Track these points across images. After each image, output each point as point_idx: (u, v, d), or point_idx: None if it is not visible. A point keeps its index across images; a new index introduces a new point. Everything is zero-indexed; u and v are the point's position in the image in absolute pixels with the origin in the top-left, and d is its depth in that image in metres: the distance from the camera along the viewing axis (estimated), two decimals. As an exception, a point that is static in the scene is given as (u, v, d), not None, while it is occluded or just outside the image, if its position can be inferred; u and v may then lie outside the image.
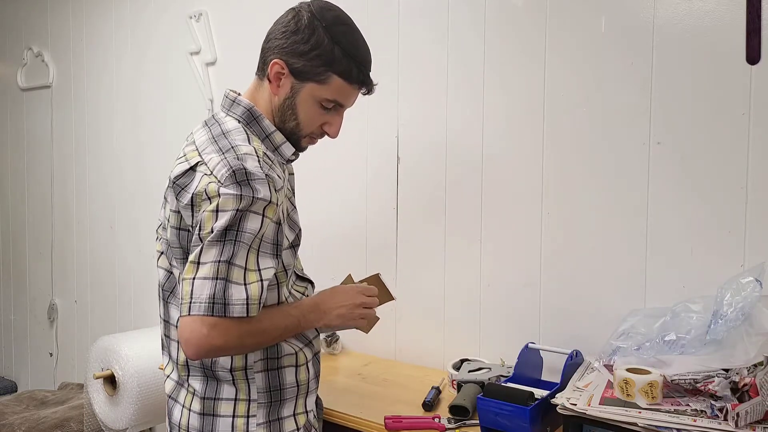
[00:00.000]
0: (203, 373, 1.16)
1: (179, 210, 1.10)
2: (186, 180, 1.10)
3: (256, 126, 1.17)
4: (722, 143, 1.35)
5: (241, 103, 1.18)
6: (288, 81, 1.15)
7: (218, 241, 1.02)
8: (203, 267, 1.01)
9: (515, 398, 1.23)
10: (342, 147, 1.96)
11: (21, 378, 3.28)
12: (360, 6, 1.88)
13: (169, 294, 1.20)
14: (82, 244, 2.88)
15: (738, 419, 1.00)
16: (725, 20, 1.34)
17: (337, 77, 1.14)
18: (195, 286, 1.01)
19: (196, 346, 1.01)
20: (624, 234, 1.47)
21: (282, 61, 1.14)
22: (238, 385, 1.14)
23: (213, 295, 1.00)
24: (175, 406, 1.20)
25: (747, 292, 1.15)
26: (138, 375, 2.00)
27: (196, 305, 1.00)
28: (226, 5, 2.25)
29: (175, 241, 1.13)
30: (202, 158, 1.09)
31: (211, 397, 1.14)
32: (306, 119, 1.18)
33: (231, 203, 1.02)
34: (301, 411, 1.20)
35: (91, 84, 2.80)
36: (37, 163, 3.10)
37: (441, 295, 1.78)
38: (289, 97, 1.15)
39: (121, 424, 2.04)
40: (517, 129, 1.62)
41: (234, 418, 1.13)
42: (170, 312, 1.20)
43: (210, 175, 1.05)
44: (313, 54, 1.12)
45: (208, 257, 1.02)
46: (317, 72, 1.13)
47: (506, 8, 1.63)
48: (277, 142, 1.19)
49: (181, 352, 1.17)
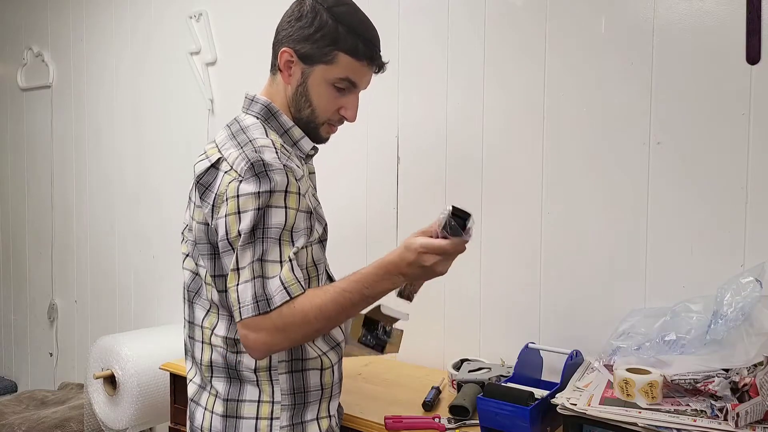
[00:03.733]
0: (227, 374, 1.15)
1: (203, 207, 1.12)
2: (209, 178, 1.11)
3: (274, 122, 1.18)
4: (722, 143, 1.35)
5: (259, 101, 1.19)
6: (298, 68, 1.16)
7: (248, 243, 1.03)
8: (243, 272, 1.03)
9: (515, 398, 1.23)
10: (342, 147, 1.96)
11: (21, 378, 3.27)
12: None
13: (194, 295, 1.19)
14: (82, 244, 2.88)
15: (738, 419, 1.00)
16: (725, 20, 1.34)
17: (343, 54, 1.14)
18: (239, 292, 1.03)
19: (258, 349, 1.04)
20: (624, 234, 1.47)
21: (290, 48, 1.15)
22: (261, 387, 1.13)
23: (255, 295, 1.02)
24: (197, 410, 1.19)
25: (747, 292, 1.15)
26: (138, 375, 2.00)
27: (244, 309, 1.02)
28: (226, 5, 2.25)
29: (202, 238, 1.13)
30: (222, 154, 1.11)
31: (234, 399, 1.14)
32: (320, 104, 1.17)
33: (251, 203, 1.04)
34: (324, 415, 1.18)
35: (91, 84, 2.80)
36: (37, 163, 3.10)
37: (441, 295, 1.77)
38: (301, 83, 1.16)
39: (121, 424, 2.04)
40: (517, 129, 1.62)
41: (257, 420, 1.12)
42: (195, 313, 1.19)
43: (230, 171, 1.07)
44: (318, 35, 1.13)
45: (244, 261, 1.03)
46: (324, 53, 1.14)
47: (506, 8, 1.63)
48: (296, 137, 1.20)
49: (204, 353, 1.17)
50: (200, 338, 1.18)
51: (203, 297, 1.17)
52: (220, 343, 1.15)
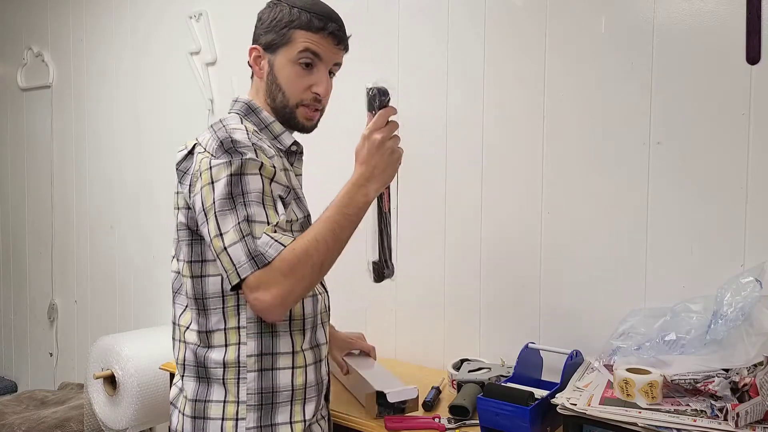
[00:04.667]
0: (196, 372, 1.15)
1: (183, 191, 1.15)
2: (187, 164, 1.16)
3: (254, 117, 1.22)
4: (722, 143, 1.35)
5: (241, 100, 1.24)
6: (265, 59, 1.21)
7: (230, 208, 1.04)
8: (227, 235, 1.03)
9: (515, 398, 1.23)
10: (342, 147, 1.96)
11: (21, 378, 3.28)
12: (360, 6, 1.88)
13: (175, 294, 1.21)
14: (82, 244, 2.88)
15: (738, 419, 1.00)
16: (725, 20, 1.34)
17: (299, 30, 1.18)
18: (231, 253, 1.02)
19: (275, 305, 1.02)
20: (624, 234, 1.47)
21: (256, 45, 1.22)
22: (227, 387, 1.13)
23: (249, 252, 1.02)
24: (174, 412, 1.20)
25: (747, 292, 1.15)
26: (138, 375, 2.00)
27: (242, 268, 1.01)
28: (226, 5, 2.25)
29: (183, 224, 1.15)
30: (197, 140, 1.16)
31: (201, 399, 1.14)
32: (289, 85, 1.20)
33: (223, 171, 1.06)
34: (299, 419, 1.15)
35: (91, 84, 2.80)
36: (37, 163, 3.10)
37: (441, 295, 1.78)
38: (269, 72, 1.21)
39: (121, 424, 2.04)
40: (517, 129, 1.62)
41: (223, 420, 1.12)
42: (175, 311, 1.21)
43: (203, 152, 1.11)
44: (275, 23, 1.19)
45: (227, 225, 1.03)
46: (282, 35, 1.18)
47: (506, 8, 1.63)
48: (276, 132, 1.23)
49: (180, 351, 1.18)
50: (178, 337, 1.19)
51: (182, 294, 1.19)
52: (194, 339, 1.15)
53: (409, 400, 1.37)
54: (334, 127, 1.50)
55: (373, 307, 1.91)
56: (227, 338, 1.13)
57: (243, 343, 1.13)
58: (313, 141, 1.34)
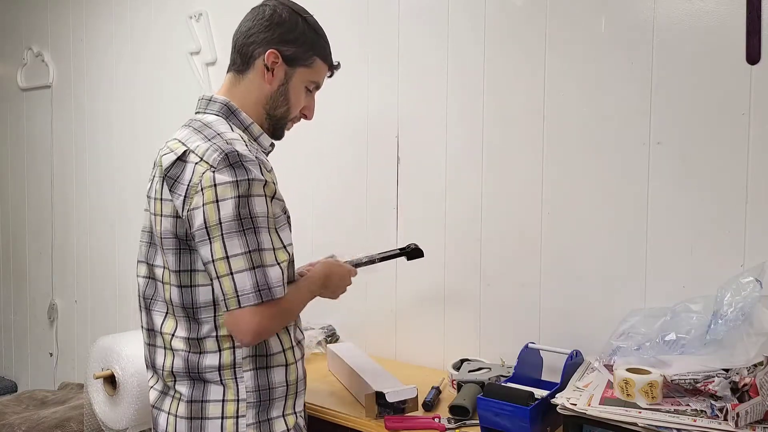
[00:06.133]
0: (189, 376, 1.15)
1: (173, 199, 1.11)
2: (176, 171, 1.11)
3: (234, 119, 1.22)
4: (722, 143, 1.35)
5: (218, 100, 1.22)
6: (281, 69, 1.23)
7: (237, 231, 1.05)
8: (235, 260, 1.05)
9: (515, 398, 1.23)
10: (342, 147, 1.96)
11: (21, 378, 3.28)
12: (360, 6, 1.88)
13: (150, 301, 1.20)
14: (82, 244, 2.88)
15: (738, 419, 1.00)
16: (725, 20, 1.34)
17: (319, 60, 1.26)
18: (236, 280, 1.05)
19: (255, 333, 1.07)
20: (624, 234, 1.47)
21: (276, 50, 1.21)
22: (226, 385, 1.13)
23: (257, 284, 1.05)
24: (160, 415, 1.19)
25: (747, 292, 1.15)
26: (138, 375, 2.00)
27: (245, 297, 1.05)
28: (226, 5, 2.25)
29: (168, 232, 1.12)
30: (188, 147, 1.12)
31: (198, 400, 1.14)
32: (295, 103, 1.27)
33: (229, 191, 1.05)
34: (290, 412, 1.19)
35: (91, 84, 2.80)
36: (37, 163, 3.10)
37: (441, 295, 1.78)
38: (283, 83, 1.23)
39: (121, 424, 2.04)
40: (517, 129, 1.62)
41: (223, 419, 1.12)
42: (153, 319, 1.20)
43: (201, 162, 1.08)
44: (301, 41, 1.22)
45: (234, 249, 1.05)
46: (305, 57, 1.24)
47: (506, 8, 1.63)
48: (255, 134, 1.23)
49: (166, 359, 1.17)
50: (161, 344, 1.18)
51: (159, 300, 1.18)
52: (182, 346, 1.14)
53: (409, 399, 1.38)
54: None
55: (373, 307, 1.91)
56: (220, 344, 1.13)
57: (237, 347, 1.14)
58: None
